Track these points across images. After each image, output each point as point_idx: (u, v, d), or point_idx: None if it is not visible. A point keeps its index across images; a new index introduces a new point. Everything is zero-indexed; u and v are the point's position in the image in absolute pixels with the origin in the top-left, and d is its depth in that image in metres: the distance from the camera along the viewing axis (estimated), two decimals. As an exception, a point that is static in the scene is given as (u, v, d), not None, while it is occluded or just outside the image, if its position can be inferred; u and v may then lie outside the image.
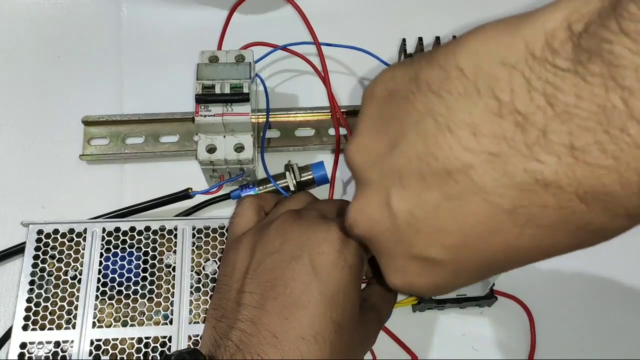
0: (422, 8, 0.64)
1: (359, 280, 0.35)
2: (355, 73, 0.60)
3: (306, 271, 0.33)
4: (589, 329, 0.52)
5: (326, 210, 0.40)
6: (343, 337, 0.33)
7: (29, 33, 0.62)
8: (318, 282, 0.33)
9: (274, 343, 0.31)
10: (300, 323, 0.32)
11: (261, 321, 0.33)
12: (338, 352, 0.33)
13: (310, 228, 0.35)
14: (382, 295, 0.40)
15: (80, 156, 0.56)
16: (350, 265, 0.34)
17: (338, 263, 0.34)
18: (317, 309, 0.32)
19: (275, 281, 0.34)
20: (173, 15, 0.63)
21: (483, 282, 0.48)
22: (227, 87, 0.49)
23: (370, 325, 0.38)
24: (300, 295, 0.33)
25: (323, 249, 0.34)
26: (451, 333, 0.51)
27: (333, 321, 0.33)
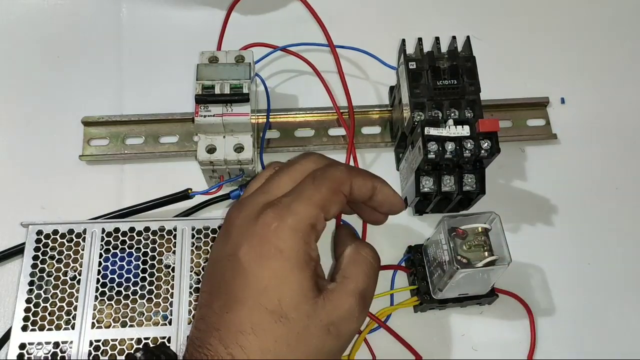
0: (421, 8, 0.65)
1: (300, 263, 0.33)
2: (355, 73, 0.60)
3: (240, 266, 0.33)
4: (589, 328, 0.52)
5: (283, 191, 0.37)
6: (289, 325, 0.32)
7: (29, 33, 0.62)
8: (251, 275, 0.33)
9: (217, 337, 0.32)
10: (238, 317, 0.32)
11: (210, 319, 0.33)
12: (284, 341, 0.32)
13: (245, 221, 0.35)
14: (352, 261, 0.37)
15: (80, 157, 0.56)
16: (281, 250, 0.33)
17: (267, 253, 0.33)
18: (252, 302, 0.32)
19: (219, 279, 0.35)
20: (173, 15, 0.63)
21: (484, 281, 0.47)
22: (227, 87, 0.49)
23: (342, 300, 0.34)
24: (237, 291, 0.33)
25: (253, 241, 0.34)
26: (451, 333, 0.51)
27: (270, 311, 0.32)
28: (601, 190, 0.57)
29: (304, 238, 0.34)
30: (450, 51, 0.49)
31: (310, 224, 0.34)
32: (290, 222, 0.34)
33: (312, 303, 0.33)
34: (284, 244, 0.33)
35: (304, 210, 0.34)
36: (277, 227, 0.34)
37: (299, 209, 0.34)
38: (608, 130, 0.59)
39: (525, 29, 0.64)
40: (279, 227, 0.33)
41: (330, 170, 0.37)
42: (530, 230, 0.55)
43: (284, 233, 0.33)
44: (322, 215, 0.35)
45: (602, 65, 0.63)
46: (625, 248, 0.55)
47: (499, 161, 0.48)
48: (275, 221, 0.34)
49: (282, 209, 0.34)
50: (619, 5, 0.65)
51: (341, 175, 0.36)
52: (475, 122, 0.46)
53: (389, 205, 0.40)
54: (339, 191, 0.36)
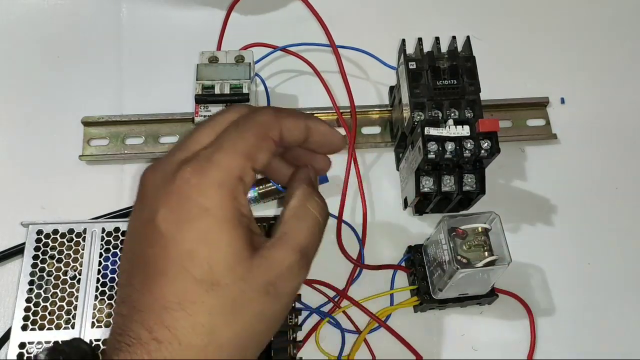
0: (421, 8, 0.65)
1: (229, 221, 0.29)
2: (355, 73, 0.60)
3: (158, 233, 0.28)
4: (589, 328, 0.52)
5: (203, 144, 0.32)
6: (223, 292, 0.28)
7: (29, 33, 0.62)
8: (171, 241, 0.28)
9: (139, 319, 0.28)
10: (161, 292, 0.28)
11: (130, 299, 0.29)
12: (219, 312, 0.28)
13: (160, 182, 0.30)
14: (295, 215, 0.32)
15: (80, 157, 0.56)
16: (206, 208, 0.28)
17: (189, 213, 0.28)
18: (176, 271, 0.28)
19: (137, 252, 0.30)
20: (173, 15, 0.63)
21: (484, 281, 0.47)
22: (226, 87, 0.49)
23: (280, 257, 0.30)
24: (157, 262, 0.28)
25: (171, 203, 0.29)
26: (451, 333, 0.51)
27: (199, 280, 0.28)
28: (601, 190, 0.57)
29: (232, 192, 0.29)
30: (450, 51, 0.49)
31: (236, 176, 0.29)
32: (213, 176, 0.29)
33: (247, 264, 0.29)
34: (208, 201, 0.28)
35: (228, 161, 0.29)
36: (198, 183, 0.29)
37: (221, 160, 0.29)
38: (608, 130, 0.59)
39: (525, 29, 0.64)
40: (200, 182, 0.29)
41: (255, 115, 0.32)
42: (530, 230, 0.55)
43: (208, 189, 0.29)
44: (249, 165, 0.30)
45: (602, 65, 0.63)
46: (625, 248, 0.55)
47: (499, 161, 0.48)
48: (195, 177, 0.29)
49: (202, 162, 0.29)
50: (619, 5, 0.65)
51: (267, 119, 0.32)
52: (475, 122, 0.46)
53: (328, 145, 0.35)
54: (266, 136, 0.31)
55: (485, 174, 0.48)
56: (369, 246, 0.54)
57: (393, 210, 0.55)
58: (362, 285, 0.52)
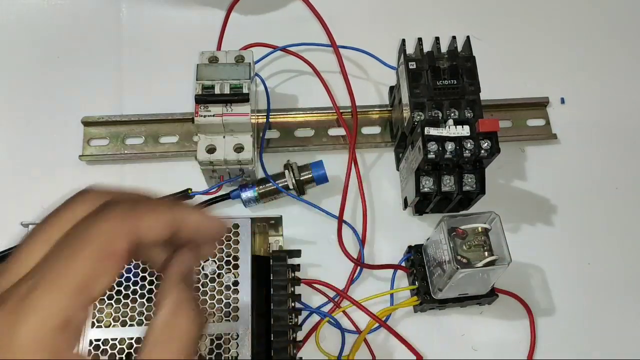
0: (421, 8, 0.65)
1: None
2: (355, 73, 0.60)
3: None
4: (589, 328, 0.52)
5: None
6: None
7: (29, 33, 0.62)
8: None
9: None
10: None
11: None
12: None
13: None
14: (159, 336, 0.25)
15: (80, 157, 0.56)
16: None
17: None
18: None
19: None
20: (173, 15, 0.63)
21: (484, 281, 0.47)
22: (226, 87, 0.49)
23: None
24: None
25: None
26: (451, 333, 0.51)
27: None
28: (601, 190, 0.57)
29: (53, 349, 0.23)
30: (450, 51, 0.49)
31: (60, 323, 0.23)
32: (26, 331, 0.22)
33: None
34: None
35: (48, 304, 0.23)
36: (8, 343, 0.22)
37: (38, 304, 0.23)
38: (608, 130, 0.59)
39: (525, 29, 0.64)
40: (11, 343, 0.22)
41: (98, 221, 0.24)
42: (530, 230, 0.55)
43: (20, 351, 0.22)
44: (79, 301, 0.23)
45: (602, 65, 0.63)
46: (625, 248, 0.55)
47: (499, 161, 0.48)
48: (4, 334, 0.22)
49: (14, 309, 0.23)
50: (619, 5, 0.65)
51: (113, 226, 0.24)
52: (475, 122, 0.46)
53: (203, 235, 0.28)
54: (109, 253, 0.24)
55: (485, 174, 0.48)
56: (369, 246, 0.54)
57: (393, 210, 0.55)
58: (362, 285, 0.52)
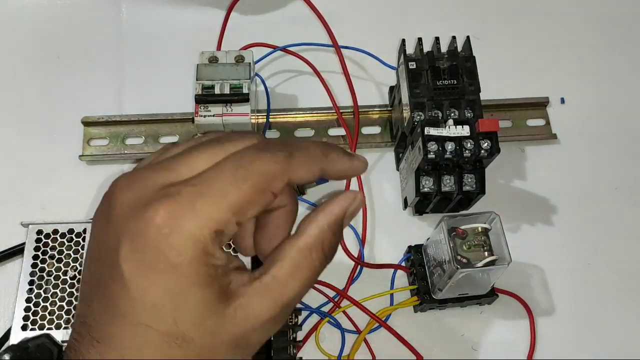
0: (421, 8, 0.65)
1: (200, 280, 0.25)
2: (355, 73, 0.60)
3: (119, 271, 0.25)
4: (589, 328, 0.52)
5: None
6: (188, 346, 0.25)
7: (29, 33, 0.62)
8: (134, 287, 0.25)
9: (97, 351, 0.26)
10: (122, 334, 0.25)
11: (88, 323, 0.26)
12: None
13: (130, 207, 0.26)
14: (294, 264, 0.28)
15: (80, 157, 0.56)
16: (174, 265, 0.25)
17: (154, 264, 0.25)
18: (136, 320, 0.25)
19: (99, 274, 0.27)
20: (172, 15, 0.63)
21: (484, 281, 0.48)
22: (226, 87, 0.49)
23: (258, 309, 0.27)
24: (118, 299, 0.25)
25: (137, 243, 0.25)
26: (451, 333, 0.51)
27: (163, 332, 0.25)
28: (601, 190, 0.57)
29: (207, 249, 0.25)
30: (450, 51, 0.49)
31: (216, 230, 0.25)
32: (189, 228, 0.25)
33: (219, 317, 0.26)
34: (177, 258, 0.25)
35: (211, 212, 0.25)
36: (169, 233, 0.25)
37: (204, 210, 0.25)
38: (608, 130, 0.59)
39: (525, 29, 0.64)
40: (172, 233, 0.25)
41: (263, 160, 0.27)
42: (530, 230, 0.55)
43: (180, 243, 0.25)
44: (234, 220, 0.26)
45: (602, 65, 0.63)
46: (625, 248, 0.55)
47: (499, 161, 0.48)
48: (168, 225, 0.25)
49: (181, 205, 0.25)
50: (619, 5, 0.65)
51: (275, 169, 0.27)
52: (475, 122, 0.46)
53: (345, 176, 0.31)
54: (266, 190, 0.27)
55: (485, 174, 0.48)
56: (369, 246, 0.54)
57: (393, 210, 0.55)
58: (362, 285, 0.52)
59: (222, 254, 0.26)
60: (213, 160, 0.27)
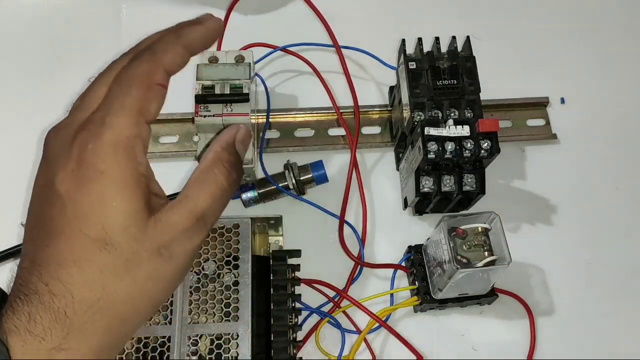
0: (421, 8, 0.65)
1: (125, 183, 0.30)
2: (355, 73, 0.60)
3: (56, 195, 0.29)
4: (589, 328, 0.52)
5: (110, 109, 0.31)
6: (115, 251, 0.29)
7: (29, 33, 0.62)
8: (69, 202, 0.29)
9: (37, 273, 0.29)
10: (57, 249, 0.29)
11: (31, 254, 0.30)
12: (111, 270, 0.29)
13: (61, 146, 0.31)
14: (199, 179, 0.33)
15: (80, 156, 0.56)
16: (102, 171, 0.29)
17: (86, 176, 0.29)
18: (71, 231, 0.29)
19: (39, 211, 0.31)
20: (172, 15, 0.62)
21: (484, 281, 0.48)
22: (226, 87, 0.49)
23: (175, 220, 0.31)
24: (56, 221, 0.29)
25: (69, 166, 0.30)
26: (451, 333, 0.51)
27: (93, 239, 0.29)
28: (601, 190, 0.57)
29: (127, 153, 0.30)
30: (450, 51, 0.49)
31: (130, 134, 0.30)
32: (108, 138, 0.30)
33: (142, 225, 0.30)
34: (103, 164, 0.29)
35: (119, 122, 0.30)
36: (93, 147, 0.29)
37: (113, 122, 0.30)
38: (608, 130, 0.59)
39: (525, 29, 0.64)
40: (95, 146, 0.29)
41: (134, 66, 0.32)
42: (530, 230, 0.55)
43: (103, 151, 0.29)
44: (141, 120, 0.31)
45: (602, 65, 0.63)
46: (625, 248, 0.55)
47: (499, 161, 0.48)
48: (91, 141, 0.29)
49: (96, 126, 0.30)
50: (619, 5, 0.65)
51: (147, 68, 0.32)
52: (475, 122, 0.46)
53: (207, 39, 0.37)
54: (151, 84, 0.32)
55: (485, 174, 0.48)
56: (369, 246, 0.54)
57: (393, 210, 0.55)
58: (362, 285, 0.52)
59: (146, 162, 0.31)
60: (107, 84, 0.32)
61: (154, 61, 0.32)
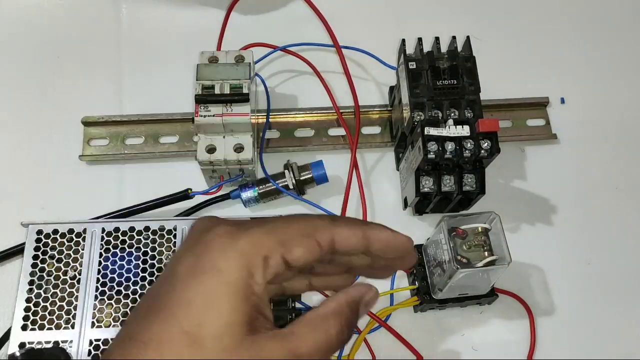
0: (421, 8, 0.65)
1: (237, 291, 0.29)
2: (355, 73, 0.60)
3: (174, 274, 0.30)
4: (589, 328, 0.52)
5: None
6: (200, 355, 0.27)
7: (29, 33, 0.62)
8: (179, 285, 0.29)
9: (125, 345, 0.28)
10: (149, 328, 0.28)
11: (130, 323, 0.30)
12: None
13: (200, 231, 0.31)
14: (312, 324, 0.31)
15: (79, 157, 0.56)
16: (220, 269, 0.29)
17: (203, 266, 0.29)
18: (168, 313, 0.28)
19: (155, 284, 0.32)
20: (173, 15, 0.63)
21: (484, 281, 0.48)
22: (226, 87, 0.49)
23: (272, 352, 0.29)
24: (160, 299, 0.29)
25: (196, 251, 0.30)
26: (451, 333, 0.51)
27: (184, 331, 0.28)
28: (601, 190, 0.57)
29: (249, 266, 0.29)
30: (450, 51, 0.49)
31: (262, 254, 0.30)
32: (241, 244, 0.30)
33: (237, 340, 0.28)
34: (224, 263, 0.29)
35: (260, 238, 0.30)
36: (224, 243, 0.30)
37: (255, 234, 0.30)
38: (608, 130, 0.59)
39: (525, 29, 0.64)
40: (226, 243, 0.30)
41: (310, 217, 0.33)
42: (530, 230, 0.55)
43: (229, 251, 0.29)
44: (279, 250, 0.30)
45: (602, 65, 0.63)
46: (625, 248, 0.55)
47: (499, 161, 0.48)
48: (226, 237, 0.30)
49: (239, 229, 0.30)
50: (619, 5, 0.65)
51: (319, 222, 0.32)
52: (475, 122, 0.46)
53: (392, 251, 0.35)
54: (310, 235, 0.31)
55: (485, 174, 0.48)
56: (369, 246, 0.53)
57: (393, 210, 0.55)
58: (362, 285, 0.52)
59: (263, 286, 0.30)
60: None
61: (329, 224, 0.32)
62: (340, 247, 0.32)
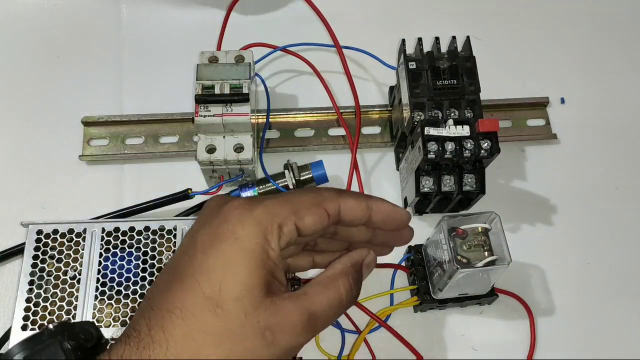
0: (421, 8, 0.65)
1: (254, 256, 0.31)
2: (355, 73, 0.60)
3: (193, 245, 0.31)
4: (589, 328, 0.52)
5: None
6: (224, 317, 0.29)
7: (29, 33, 0.62)
8: (199, 254, 0.31)
9: (147, 316, 0.30)
10: (172, 296, 0.30)
11: (151, 296, 0.31)
12: (213, 332, 0.29)
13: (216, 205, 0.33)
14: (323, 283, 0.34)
15: (80, 157, 0.56)
16: (237, 236, 0.31)
17: (222, 235, 0.31)
18: (190, 281, 0.30)
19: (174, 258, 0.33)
20: (172, 15, 0.63)
21: (484, 281, 0.47)
22: (226, 87, 0.49)
23: (289, 311, 0.31)
24: (182, 269, 0.31)
25: (214, 222, 0.32)
26: (451, 333, 0.51)
27: (207, 297, 0.29)
28: (601, 190, 0.57)
29: (265, 233, 0.31)
30: (450, 51, 0.49)
31: (277, 222, 0.32)
32: (256, 213, 0.31)
33: (256, 302, 0.30)
34: (241, 230, 0.31)
35: (274, 207, 0.32)
36: (241, 213, 0.31)
37: (269, 204, 0.32)
38: (608, 130, 0.59)
39: (525, 29, 0.64)
40: (242, 213, 0.31)
41: (319, 189, 0.35)
42: (530, 230, 0.55)
43: (246, 220, 0.31)
44: (292, 218, 0.32)
45: (602, 65, 0.63)
46: (625, 248, 0.55)
47: (499, 161, 0.48)
48: (241, 208, 0.32)
49: (255, 202, 0.32)
50: (619, 5, 0.65)
51: (328, 194, 0.34)
52: (475, 122, 0.46)
53: (391, 222, 0.36)
54: (320, 206, 0.33)
55: (485, 174, 0.48)
56: (369, 246, 0.54)
57: (393, 210, 0.55)
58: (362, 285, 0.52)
59: (278, 252, 0.31)
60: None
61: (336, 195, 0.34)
62: (346, 216, 0.34)
